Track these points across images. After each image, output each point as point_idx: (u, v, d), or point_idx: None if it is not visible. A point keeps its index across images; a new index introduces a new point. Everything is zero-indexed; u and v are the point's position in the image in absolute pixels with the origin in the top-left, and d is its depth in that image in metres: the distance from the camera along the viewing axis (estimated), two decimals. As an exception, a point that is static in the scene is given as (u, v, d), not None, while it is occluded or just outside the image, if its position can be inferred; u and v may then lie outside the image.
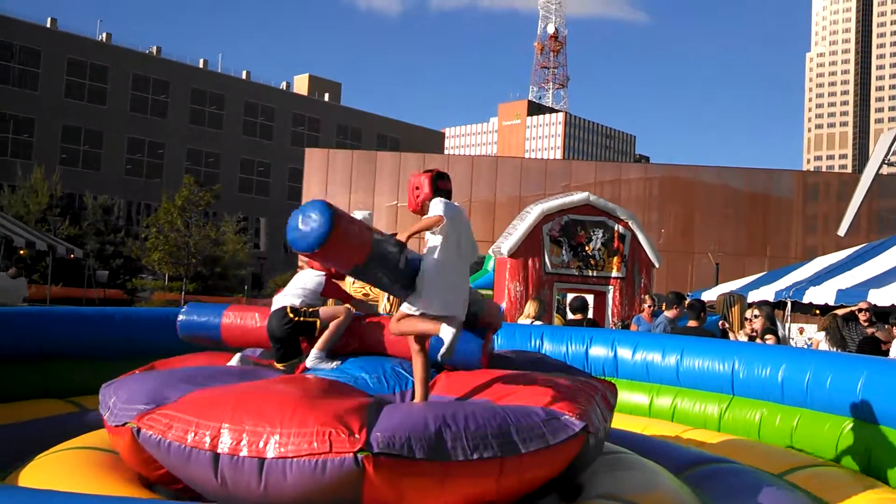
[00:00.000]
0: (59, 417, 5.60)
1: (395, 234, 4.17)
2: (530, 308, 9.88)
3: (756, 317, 8.66)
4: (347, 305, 5.17)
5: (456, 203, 4.34)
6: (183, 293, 34.72)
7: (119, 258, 39.79)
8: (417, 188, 4.31)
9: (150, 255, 35.12)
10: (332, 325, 4.94)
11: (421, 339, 4.30)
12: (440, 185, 4.33)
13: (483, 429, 3.58)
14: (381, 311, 12.37)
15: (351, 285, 12.71)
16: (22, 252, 22.49)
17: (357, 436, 3.37)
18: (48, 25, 55.24)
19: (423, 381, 4.31)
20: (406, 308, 4.19)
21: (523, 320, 9.83)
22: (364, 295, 14.48)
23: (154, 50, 60.64)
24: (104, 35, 58.65)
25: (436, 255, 4.16)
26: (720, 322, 8.91)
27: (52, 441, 4.66)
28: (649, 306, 10.72)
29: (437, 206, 4.19)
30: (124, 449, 3.88)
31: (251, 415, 3.53)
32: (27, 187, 39.62)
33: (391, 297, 11.94)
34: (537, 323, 9.23)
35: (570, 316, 9.92)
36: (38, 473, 4.06)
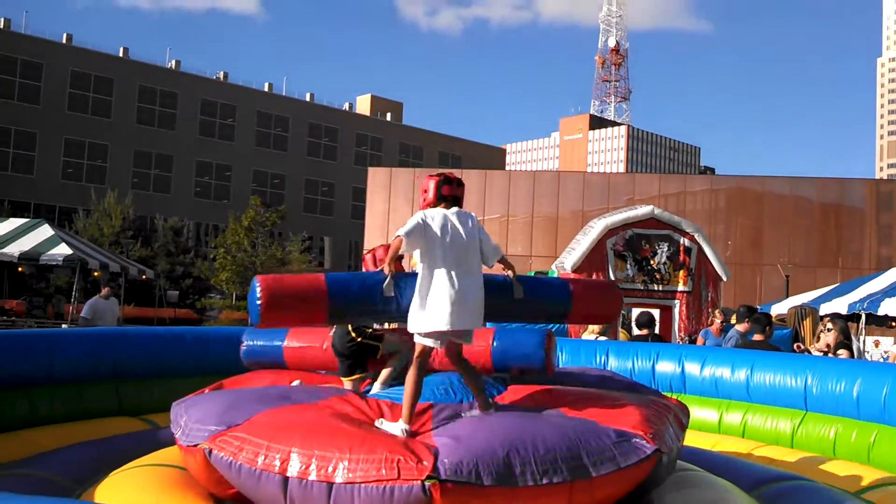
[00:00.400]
0: (132, 435, 5.74)
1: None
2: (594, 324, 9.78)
3: (829, 330, 8.43)
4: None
5: (449, 210, 4.19)
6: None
7: (189, 278, 40.71)
8: (425, 191, 4.29)
9: (218, 274, 35.90)
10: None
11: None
12: (444, 191, 4.24)
13: (552, 452, 3.51)
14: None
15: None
16: (96, 273, 23.16)
17: (425, 462, 3.35)
18: (120, 55, 57.10)
19: (476, 390, 4.21)
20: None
21: (587, 336, 9.74)
22: None
23: (221, 75, 62.14)
24: (173, 62, 60.38)
25: (419, 272, 4.12)
26: (795, 345, 8.68)
27: (126, 458, 4.77)
28: (721, 322, 10.52)
29: (408, 223, 4.13)
30: (196, 468, 3.95)
31: (320, 440, 3.56)
32: (101, 211, 40.86)
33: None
34: (602, 338, 9.14)
35: (636, 331, 9.76)
36: (113, 490, 4.16)
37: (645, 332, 9.72)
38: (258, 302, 4.00)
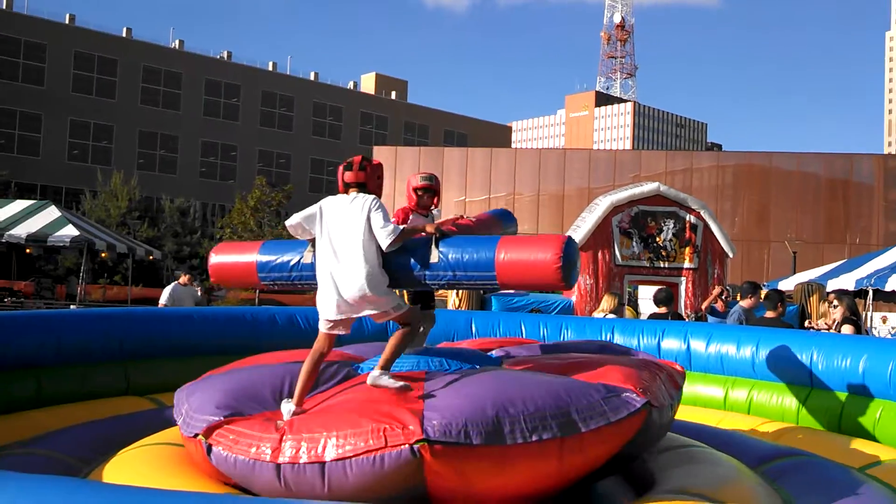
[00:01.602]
0: (139, 414, 5.78)
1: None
2: (606, 303, 9.75)
3: (835, 307, 8.41)
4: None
5: (349, 196, 4.20)
6: (257, 292, 35.43)
7: (195, 258, 40.82)
8: None
9: (225, 255, 35.99)
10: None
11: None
12: (345, 177, 4.26)
13: (542, 410, 3.56)
14: (450, 306, 12.40)
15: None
16: (103, 255, 23.22)
17: (411, 427, 3.41)
18: (123, 35, 56.93)
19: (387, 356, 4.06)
20: None
21: (598, 314, 9.72)
22: None
23: (225, 55, 61.92)
24: (177, 42, 60.13)
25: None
26: (806, 322, 8.63)
27: (134, 437, 4.81)
28: (722, 295, 10.51)
29: (303, 211, 4.30)
30: (197, 458, 4.03)
31: (307, 423, 3.65)
32: (107, 192, 40.94)
33: (459, 292, 11.94)
34: (611, 317, 9.11)
35: (654, 309, 9.58)
36: (121, 468, 4.20)
37: (664, 309, 9.51)
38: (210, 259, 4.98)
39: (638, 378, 3.98)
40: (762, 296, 8.77)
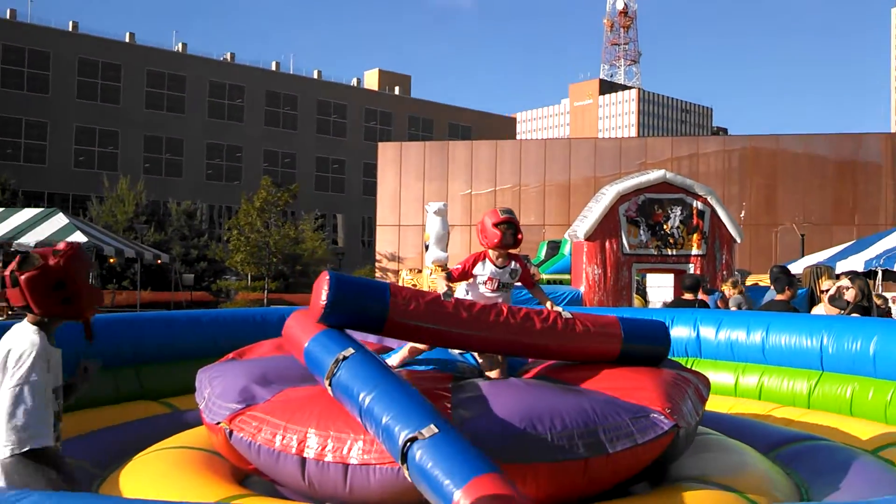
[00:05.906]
0: (153, 419, 5.81)
1: None
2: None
3: (848, 288, 8.33)
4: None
5: None
6: (266, 292, 35.53)
7: (203, 261, 40.92)
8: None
9: (232, 256, 36.08)
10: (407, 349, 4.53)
11: None
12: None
13: (569, 429, 3.53)
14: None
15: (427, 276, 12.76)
16: (112, 260, 23.31)
17: None
18: (127, 40, 57.02)
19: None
20: None
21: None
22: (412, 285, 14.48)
23: (228, 56, 61.96)
24: (180, 45, 60.22)
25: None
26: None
27: (149, 441, 4.84)
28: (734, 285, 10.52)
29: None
30: (220, 445, 4.06)
31: (336, 421, 3.62)
32: (114, 198, 41.06)
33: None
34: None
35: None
36: (137, 473, 4.23)
37: (690, 296, 9.49)
38: None
39: (667, 398, 3.92)
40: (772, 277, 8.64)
